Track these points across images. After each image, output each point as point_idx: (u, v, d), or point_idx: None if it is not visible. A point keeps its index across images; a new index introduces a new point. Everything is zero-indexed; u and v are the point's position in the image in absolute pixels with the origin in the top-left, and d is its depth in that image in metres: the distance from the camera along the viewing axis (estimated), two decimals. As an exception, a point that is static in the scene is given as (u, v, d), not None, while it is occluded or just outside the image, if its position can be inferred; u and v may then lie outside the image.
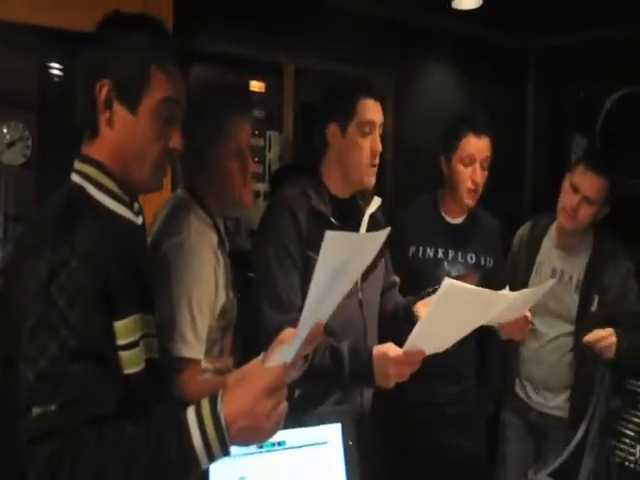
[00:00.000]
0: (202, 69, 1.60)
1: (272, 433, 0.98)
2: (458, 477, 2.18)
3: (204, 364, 1.45)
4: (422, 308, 1.73)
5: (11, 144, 2.19)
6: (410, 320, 1.72)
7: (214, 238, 1.51)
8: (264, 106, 2.98)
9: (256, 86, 2.88)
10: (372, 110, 1.70)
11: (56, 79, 2.28)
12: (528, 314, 1.73)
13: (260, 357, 1.24)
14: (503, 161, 2.22)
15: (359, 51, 2.96)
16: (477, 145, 2.10)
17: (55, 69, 2.28)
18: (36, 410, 0.92)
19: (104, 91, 1.09)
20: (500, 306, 1.43)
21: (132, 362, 1.05)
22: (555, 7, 3.04)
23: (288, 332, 1.23)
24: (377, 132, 1.72)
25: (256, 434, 0.96)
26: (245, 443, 0.99)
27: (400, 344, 1.46)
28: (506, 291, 1.61)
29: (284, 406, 0.98)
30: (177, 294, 1.38)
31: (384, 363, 1.48)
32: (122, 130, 1.11)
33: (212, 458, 0.95)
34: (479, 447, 2.29)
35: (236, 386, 0.98)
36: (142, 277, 1.14)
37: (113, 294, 1.01)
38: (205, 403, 0.96)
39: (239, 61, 2.72)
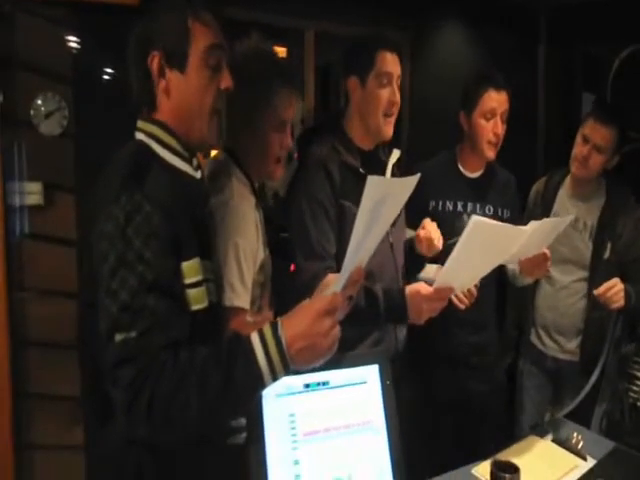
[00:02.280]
0: (254, 39, 1.65)
1: (329, 353, 1.06)
2: (480, 423, 2.28)
3: (248, 317, 1.54)
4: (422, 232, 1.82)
5: (48, 115, 2.26)
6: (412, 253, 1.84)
7: (252, 199, 1.60)
8: None
9: (279, 51, 2.89)
10: (390, 62, 1.76)
11: (89, 51, 2.34)
12: (547, 251, 1.82)
13: (306, 302, 1.35)
14: (516, 118, 2.26)
15: (376, 13, 2.97)
16: (498, 99, 2.17)
17: (88, 40, 2.34)
18: (119, 337, 1.01)
19: (155, 62, 1.16)
20: (521, 240, 1.50)
21: (198, 299, 1.14)
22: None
23: (332, 276, 1.34)
24: (395, 84, 1.78)
25: (314, 353, 1.05)
26: (305, 362, 1.06)
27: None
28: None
29: (338, 328, 1.07)
30: (225, 247, 1.47)
31: (417, 300, 1.58)
32: (178, 93, 1.17)
33: (275, 377, 1.04)
34: (500, 395, 2.38)
35: (294, 312, 1.07)
36: (202, 226, 1.22)
37: (180, 237, 1.09)
38: (267, 327, 1.05)
39: (262, 26, 2.74)
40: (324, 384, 1.40)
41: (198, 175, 1.28)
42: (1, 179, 2.16)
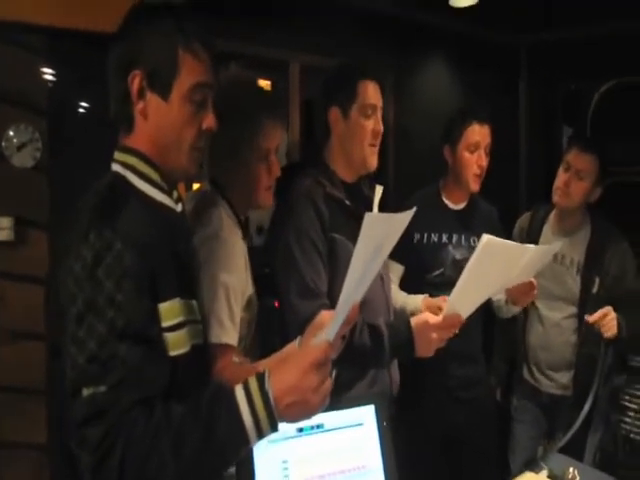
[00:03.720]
0: (237, 69, 1.62)
1: (319, 408, 0.99)
2: (474, 458, 2.25)
3: (234, 357, 1.46)
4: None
5: (21, 146, 2.19)
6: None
7: (239, 232, 1.56)
8: None
9: (263, 84, 2.88)
10: (372, 92, 1.75)
11: (64, 81, 2.27)
12: (533, 279, 1.82)
13: (296, 341, 1.28)
14: (498, 152, 2.31)
15: (361, 47, 3.01)
16: (481, 132, 2.22)
17: (63, 71, 2.28)
18: (87, 391, 0.93)
19: (136, 82, 1.09)
20: (524, 259, 1.49)
21: (178, 343, 1.06)
22: (545, 3, 3.15)
23: (325, 314, 1.27)
24: (379, 114, 1.76)
25: (304, 410, 0.97)
26: (293, 419, 0.99)
27: None
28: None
29: (329, 382, 0.99)
30: (213, 282, 1.41)
31: (425, 331, 1.53)
32: (157, 118, 1.11)
33: (261, 435, 0.96)
34: (492, 429, 2.36)
35: (282, 364, 1.00)
36: (183, 263, 1.14)
37: (157, 277, 1.02)
38: (253, 380, 0.97)
39: (245, 59, 2.74)
40: (318, 427, 1.35)
41: (179, 208, 1.21)
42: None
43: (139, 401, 0.94)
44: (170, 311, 1.04)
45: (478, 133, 2.21)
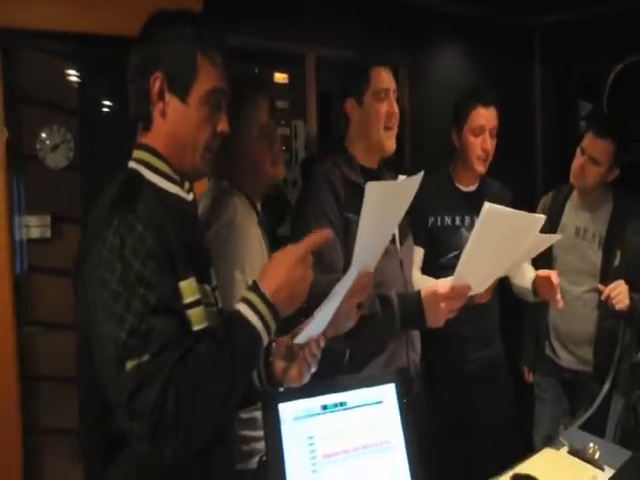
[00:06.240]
0: None
1: (305, 295, 1.15)
2: (493, 439, 2.27)
3: None
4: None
5: (54, 148, 2.28)
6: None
7: (254, 216, 1.63)
8: (289, 96, 3.05)
9: (280, 77, 2.94)
10: (385, 77, 1.79)
11: (94, 83, 2.37)
12: (554, 277, 1.85)
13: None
14: (513, 136, 2.32)
15: (375, 35, 3.03)
16: (486, 116, 2.22)
17: (92, 73, 2.37)
18: (131, 364, 0.99)
19: (157, 83, 1.15)
20: (536, 229, 1.46)
21: (199, 319, 1.13)
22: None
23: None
24: (392, 97, 1.80)
25: (296, 297, 1.13)
26: (289, 308, 1.14)
27: None
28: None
29: (310, 272, 1.15)
30: (231, 266, 1.48)
31: (434, 301, 1.55)
32: (174, 119, 1.17)
33: (270, 330, 1.11)
34: (511, 408, 2.38)
35: (268, 266, 1.14)
36: (195, 248, 1.20)
37: (175, 256, 1.09)
38: (248, 292, 1.11)
39: (263, 53, 2.80)
40: (341, 405, 1.39)
41: (190, 197, 1.28)
42: (8, 213, 2.16)
43: (178, 359, 1.02)
44: (188, 288, 1.12)
45: (483, 116, 2.21)
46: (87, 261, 1.07)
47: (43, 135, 2.30)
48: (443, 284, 1.54)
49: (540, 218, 1.46)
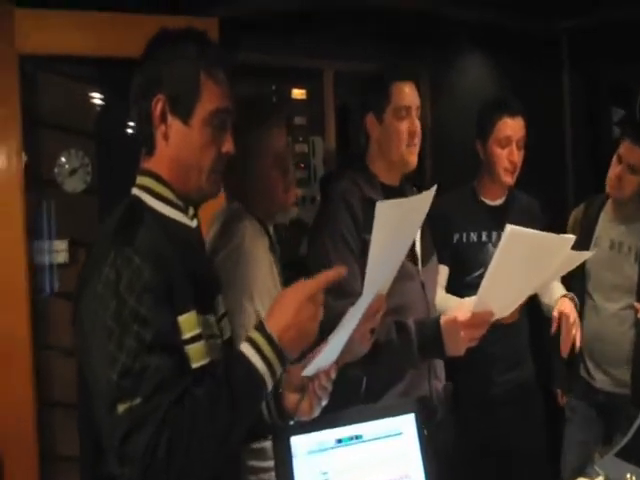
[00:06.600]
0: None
1: (316, 333, 1.09)
2: (519, 466, 2.19)
3: None
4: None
5: (72, 172, 2.30)
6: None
7: (266, 241, 1.59)
8: (307, 112, 3.04)
9: (298, 93, 2.94)
10: (407, 94, 1.73)
11: (111, 106, 2.38)
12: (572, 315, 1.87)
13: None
14: (542, 146, 2.25)
15: (393, 48, 2.98)
16: (513, 126, 2.14)
17: (110, 96, 2.38)
18: (123, 406, 0.95)
19: (159, 106, 1.12)
20: (565, 250, 1.39)
21: (198, 355, 1.08)
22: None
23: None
24: (414, 114, 1.74)
25: (304, 338, 1.08)
26: (297, 349, 1.09)
27: None
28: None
29: (321, 310, 1.08)
30: (239, 293, 1.45)
31: (454, 328, 1.48)
32: (177, 141, 1.14)
33: (275, 374, 1.06)
34: (541, 433, 2.29)
35: (276, 305, 1.08)
36: (200, 278, 1.16)
37: (174, 289, 1.05)
38: (253, 331, 1.06)
39: (280, 70, 2.79)
40: (357, 438, 1.33)
41: (194, 224, 1.24)
42: (27, 238, 2.17)
43: (174, 401, 0.98)
44: (188, 323, 1.07)
45: (510, 127, 2.13)
46: (84, 293, 1.05)
47: (62, 159, 2.30)
48: (463, 311, 1.47)
49: (569, 239, 1.39)
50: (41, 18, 2.27)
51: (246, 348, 1.05)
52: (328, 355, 1.17)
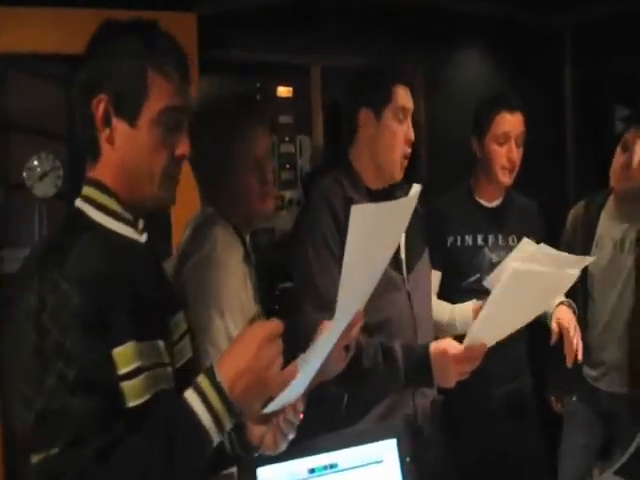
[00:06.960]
0: (210, 80, 1.54)
1: (279, 386, 0.96)
2: (518, 474, 2.09)
3: None
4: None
5: (43, 175, 2.21)
6: None
7: (241, 250, 1.48)
8: (293, 111, 2.97)
9: (284, 91, 2.86)
10: (405, 97, 1.67)
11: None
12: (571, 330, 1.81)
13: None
14: (543, 145, 2.15)
15: (385, 42, 2.89)
16: (512, 121, 2.04)
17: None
18: (37, 457, 0.86)
19: (101, 107, 1.01)
20: (568, 284, 1.36)
21: (135, 393, 0.96)
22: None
23: (326, 324, 1.16)
24: (409, 119, 1.67)
25: (262, 389, 0.95)
26: (252, 402, 0.96)
27: None
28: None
29: (281, 358, 0.95)
30: (207, 304, 1.34)
31: (443, 361, 1.41)
32: (124, 145, 1.03)
33: (222, 429, 0.93)
34: (538, 446, 2.19)
35: (230, 349, 0.96)
36: (148, 299, 1.05)
37: (110, 318, 0.94)
38: (201, 377, 0.93)
39: (265, 67, 2.71)
40: (332, 467, 1.23)
41: (143, 238, 1.12)
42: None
43: (100, 451, 0.86)
44: (124, 356, 0.95)
45: (508, 122, 2.03)
46: (8, 317, 0.94)
47: (34, 162, 2.21)
48: (454, 344, 1.39)
49: (573, 275, 1.33)
50: (11, 15, 2.18)
51: (192, 397, 0.92)
52: (295, 388, 1.02)
